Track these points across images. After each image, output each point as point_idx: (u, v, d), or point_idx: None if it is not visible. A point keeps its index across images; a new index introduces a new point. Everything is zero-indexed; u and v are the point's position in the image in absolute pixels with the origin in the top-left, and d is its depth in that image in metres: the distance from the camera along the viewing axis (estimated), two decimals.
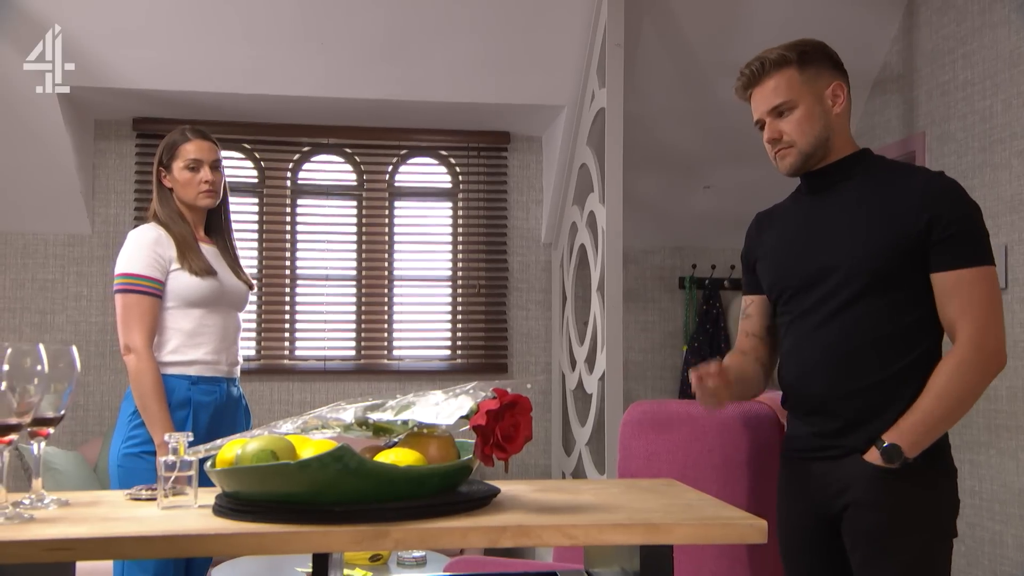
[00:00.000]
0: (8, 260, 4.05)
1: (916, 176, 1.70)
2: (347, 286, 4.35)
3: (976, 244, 1.63)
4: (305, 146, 4.33)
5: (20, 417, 1.09)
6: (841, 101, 1.75)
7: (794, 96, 1.73)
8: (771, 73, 1.75)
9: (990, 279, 1.63)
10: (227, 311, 2.41)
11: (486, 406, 1.22)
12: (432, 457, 1.24)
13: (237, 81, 3.77)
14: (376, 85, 3.83)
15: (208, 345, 2.34)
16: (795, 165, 1.76)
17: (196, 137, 2.42)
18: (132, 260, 2.30)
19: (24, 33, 3.43)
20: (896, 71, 3.80)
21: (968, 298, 1.61)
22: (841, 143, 1.75)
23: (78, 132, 3.92)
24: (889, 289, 1.65)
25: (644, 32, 3.67)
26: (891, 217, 1.65)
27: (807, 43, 1.79)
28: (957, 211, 1.63)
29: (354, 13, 3.58)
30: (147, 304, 2.27)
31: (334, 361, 4.30)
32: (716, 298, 4.42)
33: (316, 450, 1.16)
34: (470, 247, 4.41)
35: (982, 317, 1.61)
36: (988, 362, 1.61)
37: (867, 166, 1.75)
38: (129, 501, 1.23)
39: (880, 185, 1.70)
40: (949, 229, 1.61)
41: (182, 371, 2.30)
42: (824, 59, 1.77)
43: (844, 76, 1.79)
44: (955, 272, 1.62)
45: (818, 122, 1.73)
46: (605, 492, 1.36)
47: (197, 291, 2.32)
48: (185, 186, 2.39)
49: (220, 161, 2.45)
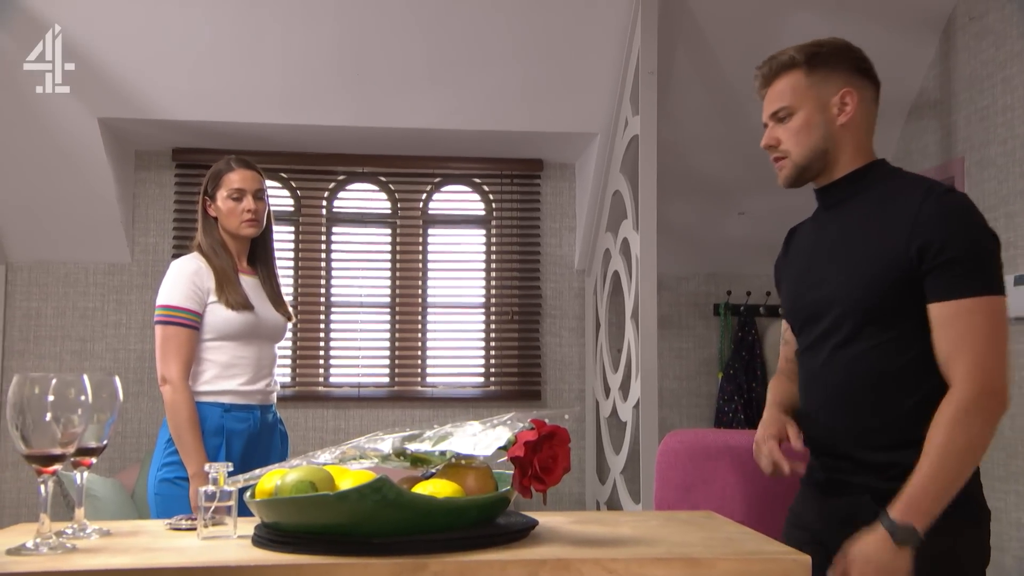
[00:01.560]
0: (50, 288, 4.12)
1: (915, 195, 1.51)
2: (381, 313, 4.37)
3: (975, 271, 1.44)
4: (340, 175, 4.37)
5: (64, 447, 1.10)
6: (849, 110, 1.58)
7: (795, 102, 1.60)
8: (780, 74, 1.63)
9: (992, 310, 1.44)
10: (262, 343, 2.43)
11: (524, 437, 1.21)
12: (470, 488, 1.23)
13: (274, 111, 3.83)
14: (410, 114, 3.87)
15: (242, 376, 2.37)
16: (790, 178, 1.64)
17: (240, 167, 2.45)
18: (171, 292, 2.34)
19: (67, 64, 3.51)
20: (933, 96, 3.77)
21: (964, 331, 1.43)
22: (850, 156, 1.60)
23: (119, 162, 3.99)
24: (889, 325, 1.49)
25: (677, 59, 3.68)
26: (883, 246, 1.50)
27: (823, 43, 1.64)
28: (952, 234, 1.44)
29: (389, 44, 3.63)
30: (184, 336, 2.31)
31: (368, 388, 4.32)
32: (752, 325, 4.38)
33: (354, 481, 1.16)
34: (503, 274, 4.42)
35: (981, 353, 1.42)
36: (990, 405, 1.41)
37: (875, 180, 1.59)
38: (169, 531, 1.23)
39: (881, 204, 1.55)
40: (943, 255, 1.44)
41: (216, 399, 2.34)
42: (840, 62, 1.61)
43: (865, 80, 1.63)
44: (950, 303, 1.44)
45: (816, 132, 1.58)
46: (644, 524, 1.34)
47: (232, 325, 2.35)
48: (228, 215, 2.42)
49: (264, 191, 2.48)
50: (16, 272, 4.10)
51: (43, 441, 1.09)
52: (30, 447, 1.08)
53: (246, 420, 2.36)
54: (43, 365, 4.07)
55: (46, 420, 1.09)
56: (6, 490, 4.02)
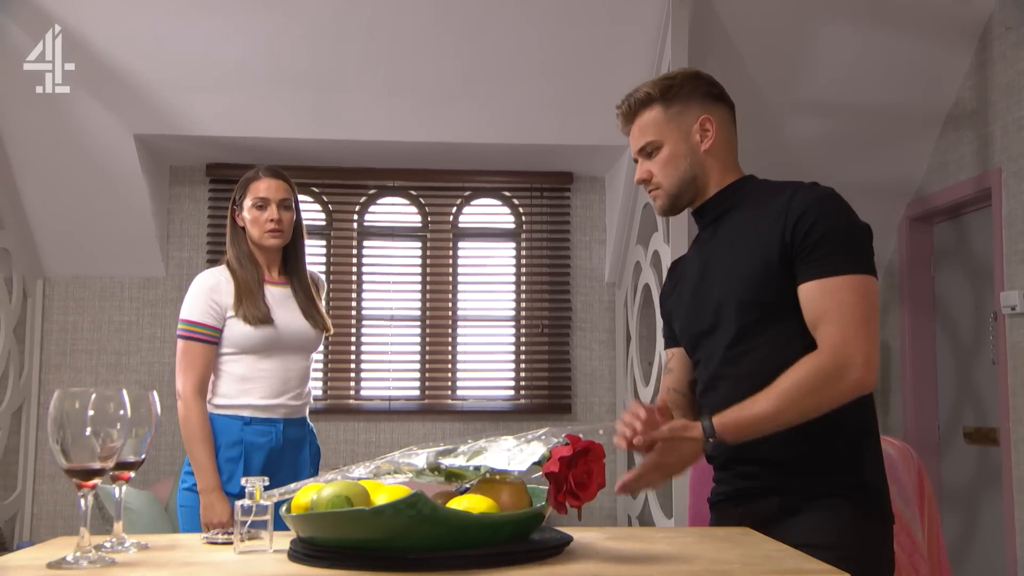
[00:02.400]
0: (86, 303, 4.18)
1: (785, 192, 1.57)
2: (412, 326, 4.38)
3: (844, 252, 1.49)
4: (371, 189, 4.40)
5: (103, 462, 1.11)
6: (711, 136, 1.64)
7: (658, 136, 1.65)
8: (639, 112, 1.68)
9: (861, 288, 1.47)
10: (287, 356, 2.37)
11: (559, 452, 1.21)
12: (504, 504, 1.23)
13: (306, 127, 3.86)
14: (440, 128, 3.89)
15: (261, 391, 2.33)
16: (664, 207, 1.69)
17: (267, 175, 2.41)
18: (190, 307, 2.33)
19: (103, 84, 3.58)
20: (969, 107, 3.72)
21: (832, 305, 1.46)
22: (718, 177, 1.66)
23: (154, 178, 4.05)
24: (777, 319, 1.52)
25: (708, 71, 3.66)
26: (759, 243, 1.54)
27: (675, 76, 1.70)
28: (819, 219, 1.50)
29: (419, 59, 3.65)
30: (198, 351, 2.30)
31: (399, 401, 4.33)
32: None
33: (389, 496, 1.16)
34: (533, 287, 4.41)
35: (849, 325, 1.44)
36: (844, 375, 1.43)
37: (747, 193, 1.65)
38: (206, 545, 1.24)
39: (755, 210, 1.60)
40: (811, 237, 1.49)
41: (235, 412, 2.32)
42: (692, 92, 1.66)
43: (720, 105, 1.68)
44: (818, 282, 1.48)
45: (683, 161, 1.64)
46: (679, 541, 1.33)
47: (251, 339, 2.32)
48: (253, 224, 2.38)
49: (292, 200, 2.43)
50: (53, 286, 4.17)
51: (83, 455, 1.10)
52: (70, 461, 1.10)
53: (267, 434, 2.32)
54: (79, 378, 4.12)
55: (86, 435, 1.10)
56: (43, 502, 4.07)
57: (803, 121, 3.91)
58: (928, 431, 4.10)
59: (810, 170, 4.05)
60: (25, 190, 3.85)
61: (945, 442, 4.03)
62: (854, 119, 3.91)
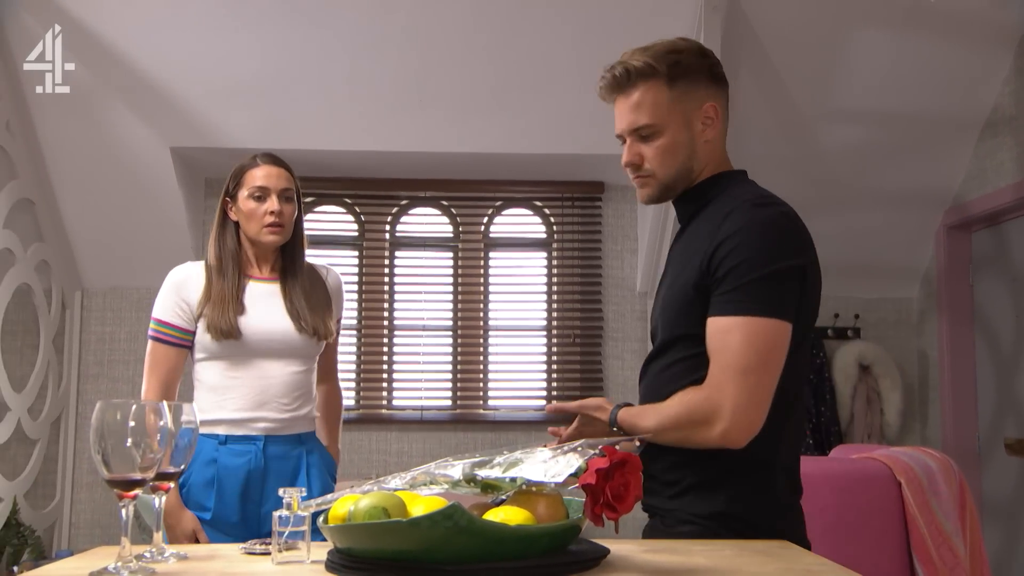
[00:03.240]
0: (123, 313, 4.23)
1: (726, 211, 1.44)
2: (443, 336, 4.39)
3: (749, 291, 1.36)
4: (403, 199, 4.42)
5: (144, 472, 1.12)
6: (715, 124, 1.50)
7: (658, 120, 1.48)
8: (636, 83, 1.50)
9: (757, 334, 1.35)
10: (265, 362, 2.08)
11: (595, 464, 1.20)
12: (541, 516, 1.22)
13: (340, 138, 3.89)
14: (472, 139, 3.90)
15: (236, 401, 2.06)
16: (653, 196, 1.55)
17: (266, 162, 2.12)
18: (158, 304, 2.11)
19: (139, 98, 3.63)
20: (1008, 113, 3.66)
21: (720, 348, 1.37)
22: (711, 170, 1.53)
23: (189, 190, 4.10)
24: (698, 342, 1.43)
25: (741, 80, 3.64)
26: (691, 262, 1.45)
27: (680, 49, 1.51)
28: (734, 251, 1.38)
29: (451, 70, 3.67)
30: (162, 354, 2.07)
31: (431, 411, 4.33)
32: (819, 347, 4.29)
33: (426, 508, 1.16)
34: (565, 297, 4.41)
35: (726, 371, 1.35)
36: (711, 423, 1.36)
37: (716, 195, 1.51)
38: (244, 555, 1.25)
39: (707, 221, 1.48)
40: (720, 270, 1.38)
41: (210, 430, 2.05)
42: (699, 72, 1.50)
43: (722, 88, 1.53)
44: (715, 319, 1.38)
45: (683, 151, 1.49)
46: (718, 554, 1.31)
47: (214, 345, 2.06)
48: (249, 218, 2.09)
49: (293, 192, 2.13)
50: (91, 298, 4.23)
51: (123, 466, 1.11)
52: (111, 472, 1.11)
53: (244, 454, 2.04)
54: (116, 388, 4.17)
55: (126, 446, 1.11)
56: (80, 511, 4.12)
57: (838, 129, 3.87)
58: (968, 442, 4.03)
59: (845, 179, 4.02)
60: (64, 203, 3.91)
61: (986, 453, 3.96)
62: (890, 126, 3.87)
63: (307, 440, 2.14)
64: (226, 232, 2.13)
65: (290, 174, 2.14)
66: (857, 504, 1.99)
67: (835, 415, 4.19)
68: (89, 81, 3.55)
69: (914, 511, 2.12)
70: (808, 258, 1.44)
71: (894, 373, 4.23)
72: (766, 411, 1.38)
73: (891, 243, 4.25)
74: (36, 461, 3.84)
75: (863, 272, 4.34)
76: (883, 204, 4.10)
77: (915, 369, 4.42)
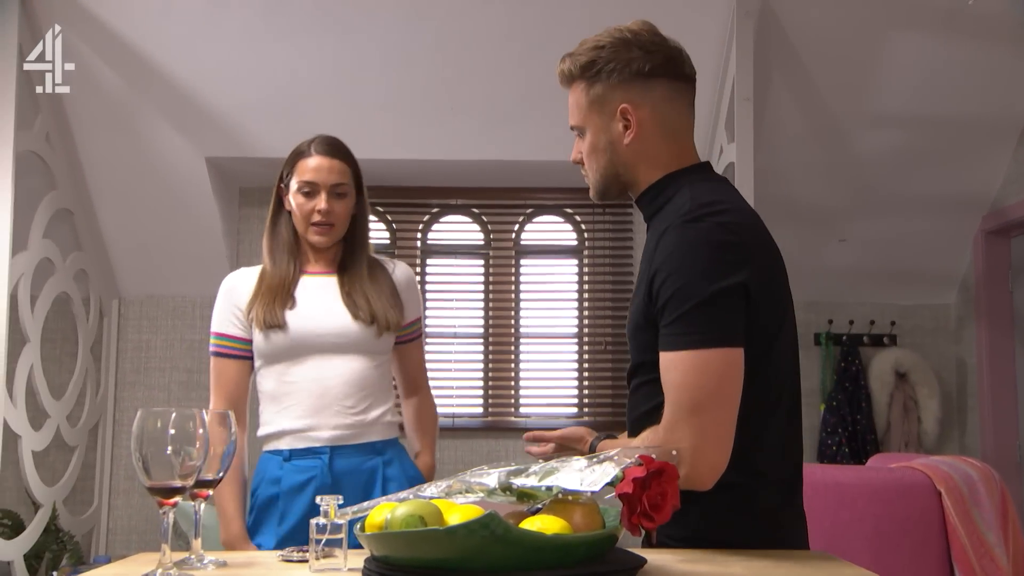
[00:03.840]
0: (159, 322, 4.29)
1: (664, 226, 1.34)
2: (475, 344, 4.39)
3: (682, 323, 1.27)
4: (435, 207, 4.43)
5: (184, 480, 1.13)
6: (633, 128, 1.40)
7: (580, 122, 1.45)
8: (568, 85, 1.47)
9: (698, 368, 1.27)
10: (324, 360, 1.88)
11: (632, 473, 1.19)
12: (577, 524, 1.22)
13: (373, 147, 3.90)
14: (503, 146, 3.91)
15: (295, 408, 1.86)
16: (594, 194, 1.50)
17: (319, 152, 1.93)
18: (214, 317, 1.96)
19: (175, 108, 3.68)
20: None
21: (666, 383, 1.30)
22: (647, 172, 1.43)
23: (224, 200, 4.14)
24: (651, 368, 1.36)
25: (773, 84, 3.62)
26: (639, 286, 1.37)
27: (603, 45, 1.43)
28: (668, 279, 1.29)
29: (483, 78, 3.68)
30: (222, 368, 1.91)
31: (462, 418, 4.33)
32: (855, 355, 4.24)
33: (463, 516, 1.16)
34: (596, 304, 4.39)
35: (675, 412, 1.29)
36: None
37: (667, 198, 1.40)
38: (281, 563, 1.25)
39: (652, 236, 1.39)
40: (659, 300, 1.30)
41: (274, 445, 1.88)
42: (617, 71, 1.40)
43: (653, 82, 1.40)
44: (662, 355, 1.31)
45: (604, 155, 1.43)
46: (756, 564, 1.30)
47: (266, 346, 1.89)
48: (295, 212, 1.93)
49: (349, 185, 1.94)
50: (128, 306, 4.28)
51: (164, 473, 1.13)
52: (152, 479, 1.12)
53: (310, 470, 1.85)
54: (152, 396, 4.22)
55: (166, 453, 1.12)
56: (117, 517, 4.17)
57: (873, 134, 3.83)
58: (1008, 451, 3.96)
59: (881, 184, 3.97)
60: (102, 213, 3.97)
61: None
62: (927, 131, 3.82)
63: (385, 449, 1.93)
64: (280, 222, 1.97)
65: (347, 164, 1.95)
66: (897, 514, 1.96)
67: (871, 423, 4.14)
68: (126, 93, 3.60)
69: (955, 521, 2.09)
70: (749, 270, 1.30)
71: (932, 381, 4.17)
72: (728, 446, 1.30)
73: (928, 249, 4.19)
74: (75, 467, 3.89)
75: (900, 278, 4.29)
76: (920, 210, 4.05)
77: (953, 376, 4.35)
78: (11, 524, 3.72)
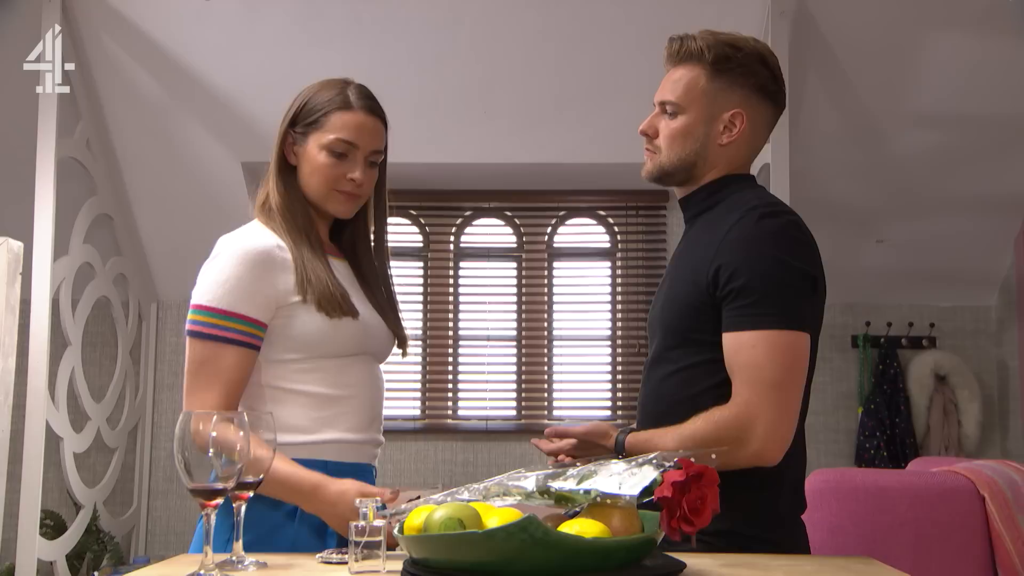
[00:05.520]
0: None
1: (734, 215, 1.41)
2: (508, 346, 4.39)
3: (767, 304, 1.33)
4: (467, 210, 4.44)
5: (225, 482, 1.14)
6: (735, 134, 1.47)
7: (684, 102, 1.48)
8: (685, 61, 1.50)
9: (782, 347, 1.33)
10: (373, 361, 1.58)
11: (671, 477, 1.18)
12: (615, 528, 1.21)
13: (405, 150, 3.89)
14: (536, 149, 3.91)
15: (350, 418, 1.50)
16: (652, 173, 1.54)
17: (362, 107, 1.56)
18: (223, 291, 1.49)
19: (212, 114, 3.72)
20: None
21: (745, 364, 1.34)
22: (718, 173, 1.50)
23: None
24: (697, 350, 1.42)
25: (809, 85, 3.58)
26: (695, 267, 1.42)
27: (740, 47, 1.48)
28: (745, 261, 1.35)
29: (516, 81, 3.68)
30: (220, 355, 1.45)
31: (496, 421, 4.34)
32: (893, 357, 4.18)
33: (501, 519, 1.16)
34: (629, 306, 4.38)
35: (755, 388, 1.32)
36: (743, 442, 1.32)
37: (725, 196, 1.48)
38: (321, 564, 1.26)
39: (710, 226, 1.45)
40: (732, 283, 1.35)
41: (312, 454, 1.46)
42: (746, 77, 1.47)
43: (765, 102, 1.49)
44: (735, 334, 1.35)
45: (692, 143, 1.47)
46: (798, 569, 1.29)
47: (333, 335, 1.49)
48: (317, 174, 1.53)
49: (383, 155, 1.61)
50: (166, 309, 4.34)
51: (205, 476, 1.14)
52: (193, 481, 1.13)
53: None
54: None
55: (208, 455, 1.13)
56: (156, 518, 4.23)
57: (911, 134, 3.77)
58: None
59: (920, 185, 3.92)
60: (141, 218, 4.03)
61: None
62: (966, 130, 3.76)
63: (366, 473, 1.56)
64: (289, 183, 1.56)
65: (385, 127, 1.62)
66: (938, 519, 1.93)
67: (910, 427, 4.08)
68: (164, 100, 3.65)
69: (999, 526, 2.05)
70: (818, 268, 1.43)
71: (972, 383, 4.11)
72: (795, 426, 1.37)
73: (968, 250, 4.12)
74: (115, 469, 3.95)
75: (939, 280, 4.22)
76: (959, 210, 3.99)
77: (994, 379, 4.27)
78: (53, 525, 3.79)
